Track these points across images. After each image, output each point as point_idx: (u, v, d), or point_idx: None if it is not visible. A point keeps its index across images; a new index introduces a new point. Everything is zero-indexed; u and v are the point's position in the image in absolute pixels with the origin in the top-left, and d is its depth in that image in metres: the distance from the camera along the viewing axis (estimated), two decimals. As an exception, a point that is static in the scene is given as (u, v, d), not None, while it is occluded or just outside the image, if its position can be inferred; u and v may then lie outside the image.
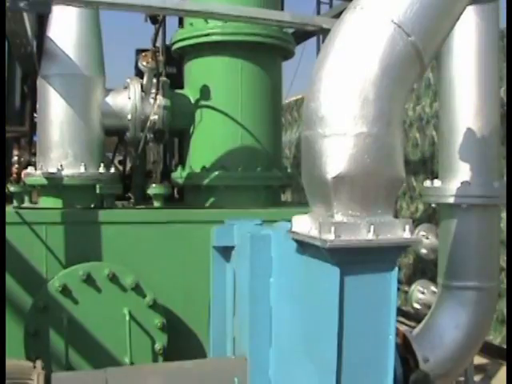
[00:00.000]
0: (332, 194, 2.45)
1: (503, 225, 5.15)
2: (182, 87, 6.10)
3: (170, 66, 6.64)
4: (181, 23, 6.45)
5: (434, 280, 4.69)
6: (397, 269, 2.56)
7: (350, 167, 2.41)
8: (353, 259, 2.47)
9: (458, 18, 2.81)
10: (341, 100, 2.42)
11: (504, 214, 5.09)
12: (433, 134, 9.06)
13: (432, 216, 7.74)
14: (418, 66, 2.57)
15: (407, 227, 2.53)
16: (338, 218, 2.47)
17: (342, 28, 2.57)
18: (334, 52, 2.51)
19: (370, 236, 2.46)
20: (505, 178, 4.22)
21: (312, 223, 2.57)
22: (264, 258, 3.08)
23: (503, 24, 4.41)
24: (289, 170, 6.19)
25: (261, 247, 3.09)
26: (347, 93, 2.41)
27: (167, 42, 6.71)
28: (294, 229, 2.69)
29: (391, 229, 2.51)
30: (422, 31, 2.55)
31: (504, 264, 5.93)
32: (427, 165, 9.27)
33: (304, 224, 2.63)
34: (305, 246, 2.66)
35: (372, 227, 2.46)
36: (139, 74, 5.78)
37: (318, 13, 7.88)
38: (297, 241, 2.71)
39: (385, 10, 2.52)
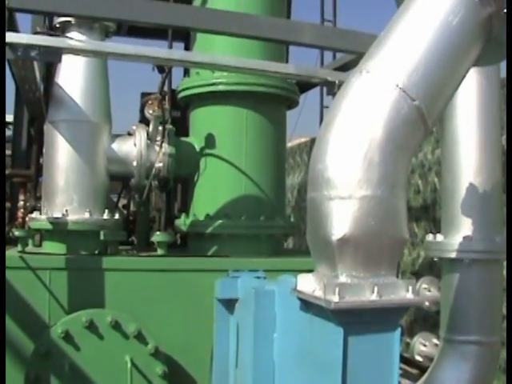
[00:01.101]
0: (336, 255, 2.48)
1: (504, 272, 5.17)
2: (186, 131, 6.18)
3: (175, 109, 6.72)
4: (187, 71, 6.55)
5: (435, 326, 4.69)
6: (400, 329, 2.58)
7: (354, 229, 2.44)
8: (357, 320, 2.49)
9: (461, 81, 2.87)
10: (346, 163, 2.46)
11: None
12: (435, 181, 9.08)
13: (434, 263, 7.73)
14: (422, 128, 2.62)
15: (410, 288, 2.56)
16: (342, 279, 2.49)
17: (349, 91, 2.62)
18: (341, 115, 2.56)
19: (374, 297, 2.48)
20: (505, 232, 4.25)
21: (316, 283, 2.60)
22: (268, 313, 3.11)
23: (503, 74, 4.49)
24: (292, 219, 6.22)
25: (265, 303, 3.12)
26: (353, 156, 2.46)
27: (173, 86, 6.80)
28: (298, 287, 2.71)
29: (394, 290, 2.54)
30: (426, 95, 2.60)
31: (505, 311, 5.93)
32: (429, 211, 9.27)
33: (308, 283, 2.65)
34: (309, 304, 2.68)
35: (376, 288, 2.48)
36: (144, 117, 5.86)
37: (322, 63, 7.99)
38: (301, 299, 2.73)
39: (390, 74, 2.58)
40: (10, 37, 4.25)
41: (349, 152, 2.48)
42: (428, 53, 2.63)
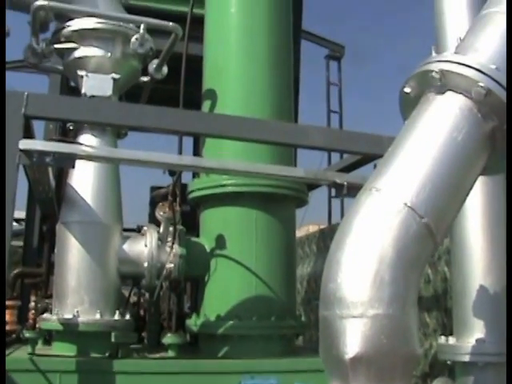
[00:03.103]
0: (350, 373, 2.49)
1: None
2: (195, 226, 6.24)
3: (184, 203, 6.80)
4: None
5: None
6: None
7: (366, 348, 2.46)
8: None
9: (468, 194, 2.93)
10: (358, 282, 2.50)
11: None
12: (444, 270, 9.04)
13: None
14: (431, 244, 2.67)
15: (424, 404, 2.56)
16: (356, 397, 2.50)
17: (359, 210, 2.68)
18: (351, 234, 2.62)
19: (388, 414, 2.48)
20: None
21: (330, 400, 2.61)
22: (281, 427, 3.10)
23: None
24: (302, 318, 6.20)
25: (278, 417, 3.11)
26: (364, 275, 2.50)
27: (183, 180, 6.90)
28: (312, 404, 2.72)
29: (408, 406, 2.54)
30: (434, 211, 2.65)
31: None
32: (440, 301, 9.20)
33: (322, 401, 2.66)
34: (323, 421, 2.68)
35: (389, 405, 2.48)
36: (153, 211, 5.93)
37: (329, 162, 8.16)
38: (315, 416, 2.73)
39: (398, 192, 2.64)
40: (26, 144, 4.34)
41: (360, 271, 2.52)
42: (434, 170, 2.71)
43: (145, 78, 6.40)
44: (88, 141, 5.52)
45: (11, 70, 11.52)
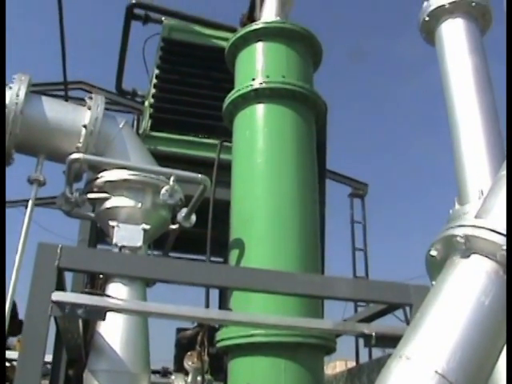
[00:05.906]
0: None
1: None
2: (222, 368, 6.21)
3: (211, 345, 6.77)
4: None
5: None
6: None
7: None
8: None
9: (499, 355, 2.94)
10: None
11: None
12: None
13: None
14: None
15: None
16: None
17: (390, 378, 2.70)
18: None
19: None
20: None
21: None
22: None
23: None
24: None
25: None
26: None
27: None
28: None
29: None
30: (466, 378, 2.66)
31: None
32: None
33: None
34: None
35: None
36: (179, 353, 5.92)
37: (356, 306, 8.17)
38: None
39: (429, 359, 2.66)
40: (58, 296, 4.43)
41: None
42: (464, 336, 2.73)
43: (173, 226, 6.55)
44: (117, 289, 5.60)
45: (43, 206, 11.87)
